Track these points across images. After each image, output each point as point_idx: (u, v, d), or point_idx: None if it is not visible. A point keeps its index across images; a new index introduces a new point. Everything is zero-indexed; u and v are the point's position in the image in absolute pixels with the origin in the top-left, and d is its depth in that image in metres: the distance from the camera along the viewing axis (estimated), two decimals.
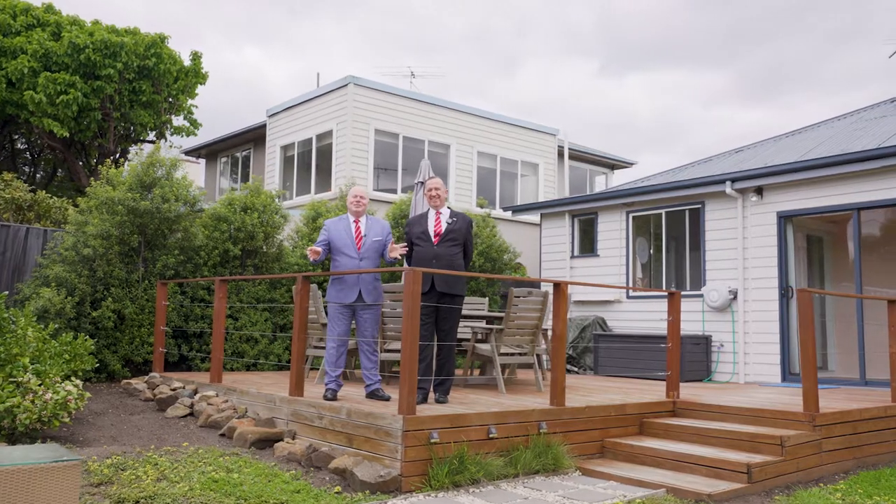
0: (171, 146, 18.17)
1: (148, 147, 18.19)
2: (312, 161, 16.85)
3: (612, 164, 23.83)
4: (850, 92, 49.05)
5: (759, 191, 10.44)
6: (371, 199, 13.79)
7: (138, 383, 8.49)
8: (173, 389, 7.96)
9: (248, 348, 9.94)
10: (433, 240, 6.53)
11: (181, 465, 5.49)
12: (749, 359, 10.38)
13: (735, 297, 10.57)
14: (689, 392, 8.28)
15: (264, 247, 10.27)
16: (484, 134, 18.10)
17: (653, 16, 51.09)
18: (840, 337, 11.64)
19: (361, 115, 15.99)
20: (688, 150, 52.15)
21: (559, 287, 6.47)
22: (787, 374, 10.05)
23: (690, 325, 11.06)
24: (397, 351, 7.82)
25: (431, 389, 6.50)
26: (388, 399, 6.40)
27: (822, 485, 6.00)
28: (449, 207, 6.78)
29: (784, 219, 10.27)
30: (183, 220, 9.52)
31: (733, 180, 10.49)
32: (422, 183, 8.88)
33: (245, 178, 21.13)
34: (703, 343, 10.63)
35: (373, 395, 6.50)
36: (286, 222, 10.51)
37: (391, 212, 12.08)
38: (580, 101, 52.76)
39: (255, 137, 21.24)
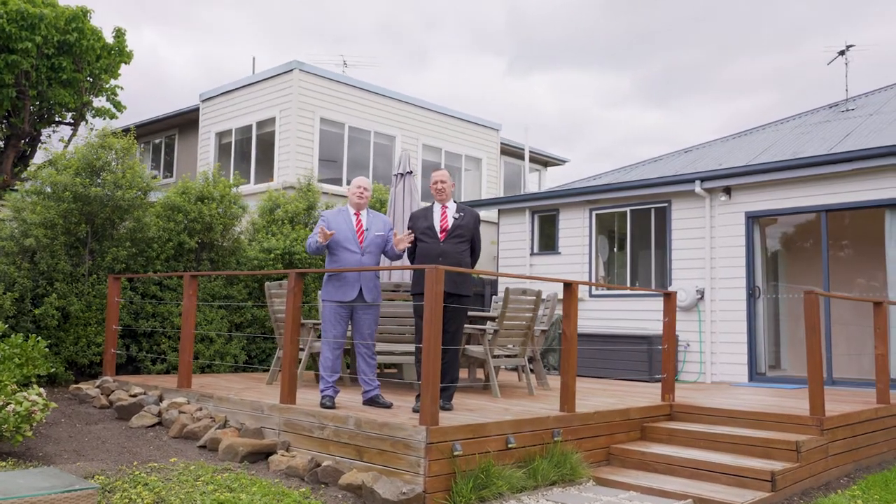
0: (91, 129, 16.98)
1: (66, 130, 16.92)
2: (252, 149, 16.04)
3: (545, 162, 23.87)
4: (738, 99, 51.60)
5: (727, 191, 10.46)
6: (323, 192, 13.20)
7: (89, 388, 7.70)
8: (133, 395, 7.24)
9: (203, 348, 9.22)
10: (439, 236, 6.10)
11: (176, 484, 4.89)
12: (716, 358, 10.40)
13: (702, 297, 10.57)
14: (652, 392, 8.13)
15: (221, 240, 9.57)
16: (429, 126, 17.71)
17: (559, 17, 52.13)
18: (791, 336, 11.86)
19: (307, 103, 15.31)
20: (590, 150, 53.39)
21: (570, 287, 6.17)
22: (753, 374, 10.11)
23: (656, 324, 11.00)
24: (385, 353, 7.37)
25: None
26: (389, 406, 5.94)
27: (838, 491, 5.92)
28: (455, 201, 6.36)
29: (752, 219, 10.33)
30: (136, 209, 8.73)
31: (702, 179, 10.48)
32: (401, 175, 8.42)
33: (168, 167, 19.99)
34: None
35: (372, 401, 6.03)
36: (244, 213, 9.83)
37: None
38: (489, 98, 53.16)
39: (181, 123, 20.12)
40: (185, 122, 19.93)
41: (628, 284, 11.66)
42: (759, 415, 6.64)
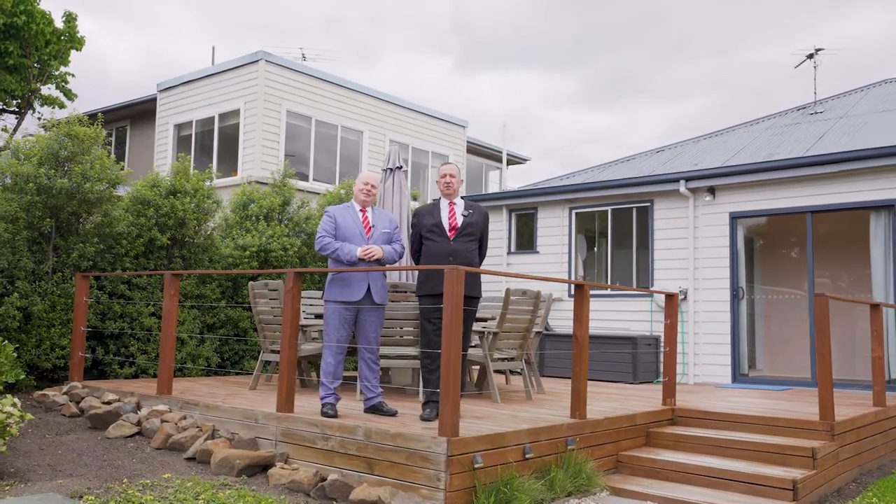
0: (39, 118, 16.10)
1: (11, 119, 16.02)
2: (214, 142, 15.43)
3: (507, 160, 23.70)
4: (679, 102, 52.71)
5: (711, 190, 10.38)
6: (297, 189, 12.72)
7: (56, 395, 7.15)
8: (108, 403, 6.73)
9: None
10: (449, 234, 5.77)
11: (175, 503, 4.46)
12: (699, 360, 10.31)
13: (685, 298, 10.47)
14: (657, 396, 7.97)
15: (194, 236, 9.06)
16: (397, 122, 17.33)
17: (506, 16, 52.41)
18: (767, 336, 11.88)
19: (273, 95, 14.79)
20: (537, 149, 53.77)
21: (582, 288, 5.92)
22: (737, 375, 10.04)
23: (638, 325, 10.89)
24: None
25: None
26: (394, 414, 5.60)
27: (856, 498, 5.80)
28: (462, 198, 6.04)
29: (736, 219, 10.27)
30: (105, 202, 8.17)
31: (687, 179, 10.37)
32: (391, 170, 8.07)
33: (119, 159, 19.15)
34: (654, 344, 10.46)
35: (374, 409, 5.68)
36: (219, 209, 9.33)
37: (323, 204, 11.02)
38: (436, 97, 53.10)
39: (134, 114, 19.33)
40: (139, 112, 19.11)
41: (608, 284, 11.50)
42: (766, 419, 6.49)
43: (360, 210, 5.78)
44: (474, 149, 21.59)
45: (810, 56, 15.18)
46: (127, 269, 8.46)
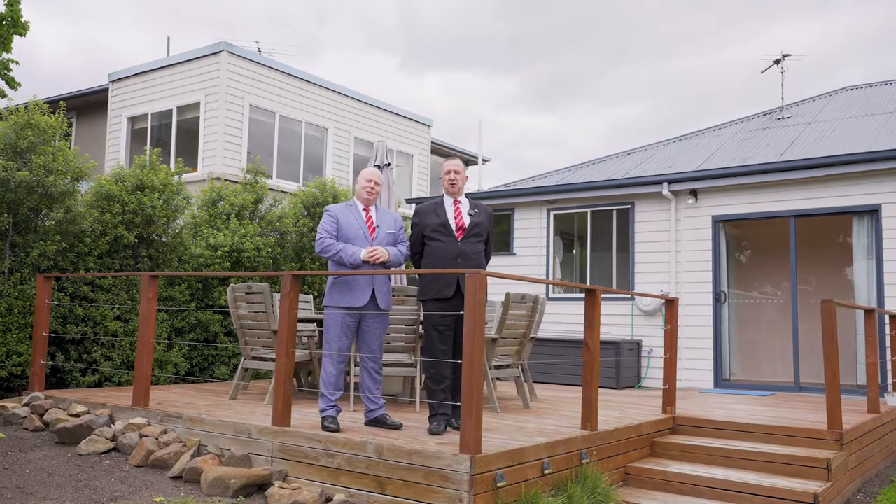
0: None
1: None
2: (172, 137, 14.75)
3: (465, 160, 23.46)
4: (619, 107, 53.66)
5: (694, 193, 10.27)
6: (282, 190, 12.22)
7: (16, 406, 6.57)
8: (76, 415, 6.19)
9: None
10: (456, 235, 5.43)
11: None
12: (681, 364, 10.19)
13: None
14: (649, 402, 7.79)
15: (163, 235, 8.51)
16: (362, 119, 16.90)
17: (451, 17, 52.46)
18: (742, 341, 11.86)
19: (236, 88, 14.21)
20: (482, 151, 53.97)
21: (593, 294, 5.65)
22: (719, 380, 9.95)
23: (619, 329, 10.72)
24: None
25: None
26: (399, 427, 5.24)
27: None
28: (466, 195, 5.71)
29: (718, 223, 10.18)
30: (67, 197, 7.59)
31: (670, 181, 10.24)
32: (378, 167, 7.68)
33: None
34: (636, 349, 10.30)
35: (377, 421, 5.31)
36: (188, 205, 8.80)
37: (296, 203, 10.52)
38: (382, 96, 52.88)
39: (81, 105, 18.41)
40: (87, 104, 18.22)
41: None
42: (771, 428, 6.33)
43: (364, 209, 5.40)
44: (435, 149, 21.28)
45: (777, 62, 15.29)
46: (90, 270, 7.89)
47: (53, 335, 7.58)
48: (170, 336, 8.49)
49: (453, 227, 5.44)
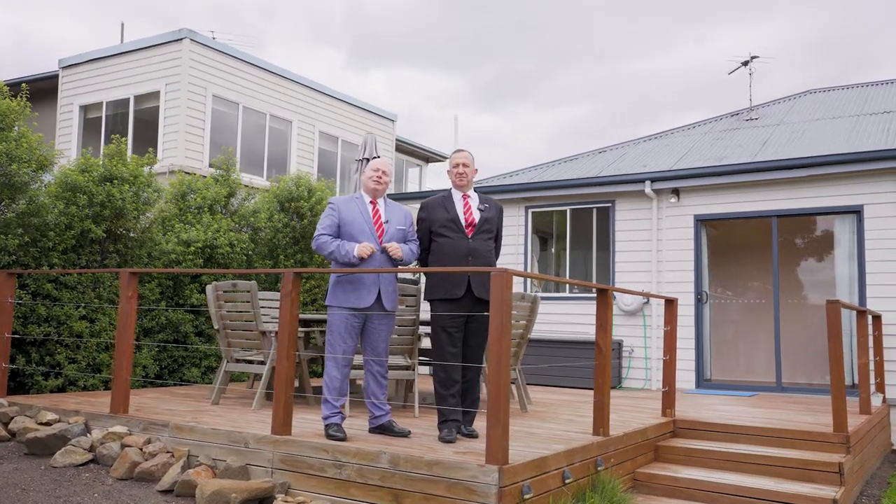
0: None
1: None
2: (129, 127, 14.09)
3: (426, 157, 23.21)
4: (563, 108, 54.34)
5: (676, 192, 10.18)
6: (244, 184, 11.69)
7: None
8: (47, 424, 5.72)
9: (107, 358, 7.67)
10: (466, 231, 5.14)
11: None
12: (662, 365, 10.07)
13: (648, 301, 10.23)
14: (641, 404, 7.65)
15: (133, 229, 8.01)
16: (327, 113, 16.47)
17: (397, 14, 52.29)
18: (718, 341, 11.85)
19: (198, 78, 13.65)
20: (438, 148, 54.13)
21: (605, 293, 5.44)
22: (700, 381, 9.88)
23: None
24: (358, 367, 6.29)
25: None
26: (407, 434, 4.94)
27: None
28: (475, 190, 5.43)
29: (700, 222, 10.11)
30: (30, 188, 7.05)
31: (653, 180, 10.13)
32: (366, 160, 7.35)
33: None
34: (616, 349, 10.17)
35: (383, 428, 5.00)
36: (160, 198, 8.31)
37: (268, 198, 10.04)
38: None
39: (28, 92, 17.49)
40: (33, 91, 17.31)
41: (566, 289, 11.14)
42: (774, 431, 6.22)
43: (371, 202, 5.06)
44: (399, 146, 20.95)
45: (745, 63, 15.40)
46: (54, 265, 7.36)
47: (14, 336, 7.03)
48: (138, 336, 8.00)
49: (463, 222, 5.16)
